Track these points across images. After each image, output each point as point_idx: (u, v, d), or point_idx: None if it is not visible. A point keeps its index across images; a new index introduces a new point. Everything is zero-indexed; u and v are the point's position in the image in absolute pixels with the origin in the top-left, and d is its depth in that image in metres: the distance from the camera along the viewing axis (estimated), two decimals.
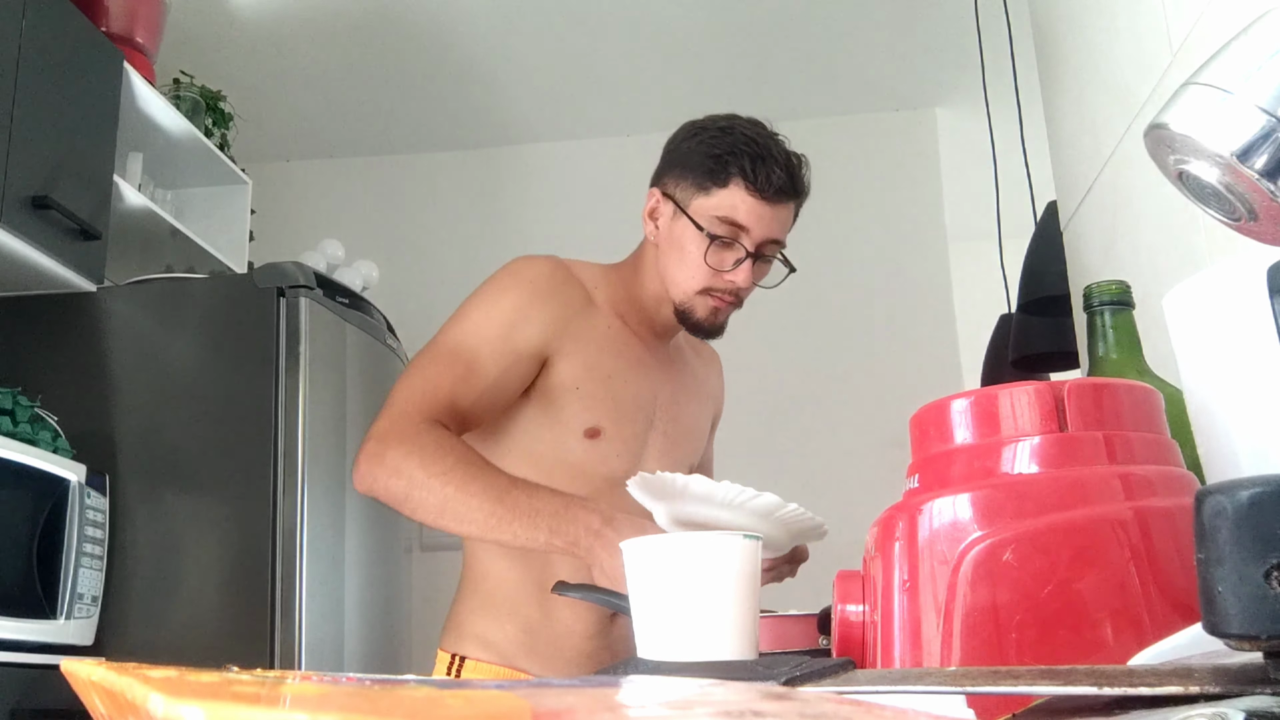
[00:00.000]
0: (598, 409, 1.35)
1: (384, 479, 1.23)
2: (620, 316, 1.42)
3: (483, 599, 1.37)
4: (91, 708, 0.39)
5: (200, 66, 2.94)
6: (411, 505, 1.22)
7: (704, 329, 1.40)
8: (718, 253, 1.34)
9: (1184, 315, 0.77)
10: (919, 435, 0.74)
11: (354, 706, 0.26)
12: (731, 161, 1.32)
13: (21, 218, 2.03)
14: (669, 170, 1.39)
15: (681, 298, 1.38)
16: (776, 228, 1.36)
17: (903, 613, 0.67)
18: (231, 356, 2.24)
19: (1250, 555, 0.40)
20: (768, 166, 1.32)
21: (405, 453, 1.22)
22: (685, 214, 1.35)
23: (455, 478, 1.20)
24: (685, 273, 1.36)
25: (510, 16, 3.12)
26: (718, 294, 1.36)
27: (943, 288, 3.54)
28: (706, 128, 1.37)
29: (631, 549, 0.81)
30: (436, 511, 1.21)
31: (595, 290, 1.41)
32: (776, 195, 1.34)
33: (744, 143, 1.33)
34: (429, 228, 3.75)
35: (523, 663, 1.34)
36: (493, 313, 1.33)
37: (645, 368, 1.42)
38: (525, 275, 1.36)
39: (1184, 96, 0.59)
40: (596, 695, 0.36)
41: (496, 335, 1.31)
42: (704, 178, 1.34)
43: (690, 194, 1.35)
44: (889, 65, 3.45)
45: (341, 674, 0.58)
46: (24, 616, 1.84)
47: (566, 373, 1.34)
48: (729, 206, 1.32)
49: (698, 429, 1.52)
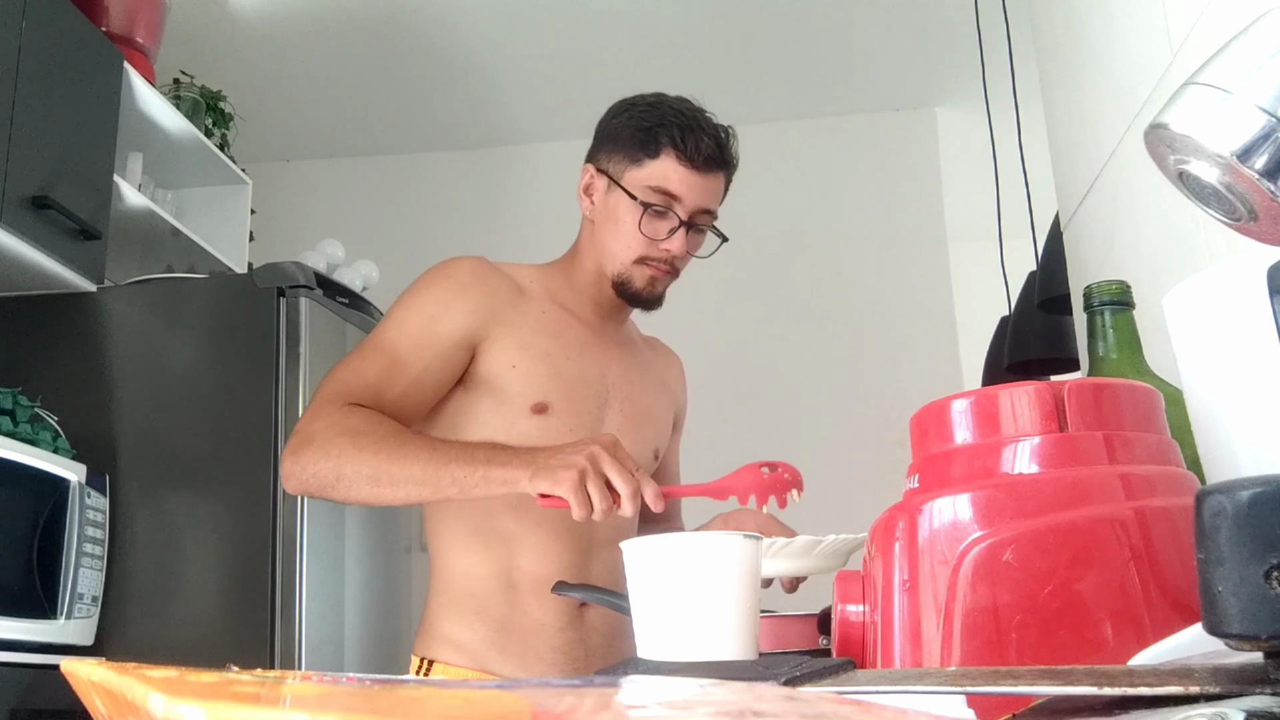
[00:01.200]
0: (541, 384, 1.35)
1: (311, 465, 1.21)
2: (559, 304, 1.43)
3: (450, 598, 1.36)
4: (91, 708, 0.39)
5: (200, 66, 2.94)
6: (345, 483, 1.21)
7: (642, 299, 1.41)
8: (652, 222, 1.36)
9: (1184, 315, 0.77)
10: (919, 435, 0.74)
11: (354, 706, 0.26)
12: (662, 132, 1.36)
13: (21, 218, 2.02)
14: (601, 146, 1.43)
15: (618, 269, 1.40)
16: (708, 197, 1.39)
17: (903, 613, 0.67)
18: (231, 356, 2.24)
19: (1250, 555, 0.40)
20: (697, 136, 1.36)
21: (332, 433, 1.22)
22: (619, 186, 1.38)
23: (387, 444, 1.21)
24: (621, 243, 1.38)
25: (510, 16, 3.12)
26: (653, 263, 1.38)
27: (943, 288, 3.54)
28: (636, 104, 1.42)
29: (631, 549, 0.81)
30: (371, 480, 1.20)
31: (528, 284, 1.42)
32: (706, 164, 1.37)
33: (673, 115, 1.37)
34: (429, 228, 3.75)
35: (494, 663, 1.33)
36: (413, 308, 1.35)
37: (588, 346, 1.42)
38: (444, 272, 1.39)
39: (1184, 96, 0.59)
40: (596, 695, 0.36)
41: (419, 329, 1.33)
42: (636, 149, 1.37)
43: (623, 166, 1.39)
44: (889, 65, 3.45)
45: (341, 674, 0.58)
46: (24, 616, 1.84)
47: (499, 355, 1.35)
48: (661, 176, 1.36)
49: (657, 414, 1.51)
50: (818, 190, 3.67)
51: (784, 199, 3.66)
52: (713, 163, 1.37)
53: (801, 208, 3.66)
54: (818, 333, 3.51)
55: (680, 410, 1.63)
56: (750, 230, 3.67)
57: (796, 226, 3.63)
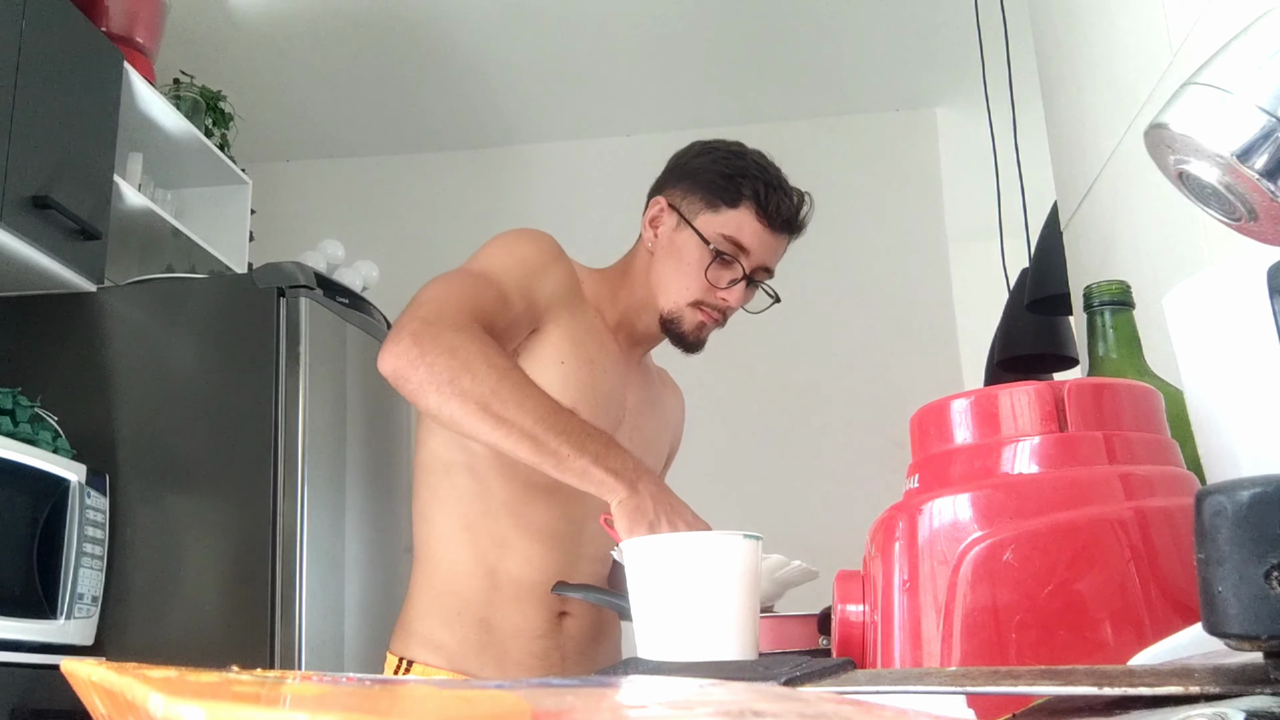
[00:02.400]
0: (579, 389, 1.34)
1: (432, 354, 1.15)
2: (601, 315, 1.42)
3: (433, 597, 1.36)
4: (91, 708, 0.39)
5: (200, 66, 2.94)
6: (453, 388, 1.14)
7: (688, 341, 1.42)
8: (717, 270, 1.37)
9: (1184, 315, 0.77)
10: (919, 435, 0.74)
11: (354, 706, 0.26)
12: (745, 184, 1.36)
13: (21, 218, 2.02)
14: (677, 182, 1.42)
15: (671, 307, 1.40)
16: (773, 256, 1.41)
17: (903, 613, 0.67)
18: (231, 356, 2.24)
19: (1250, 555, 0.40)
20: (779, 196, 1.38)
21: (464, 337, 1.16)
22: (691, 226, 1.38)
23: (512, 379, 1.16)
24: (681, 283, 1.38)
25: (510, 16, 3.11)
26: (707, 309, 1.39)
27: (943, 288, 3.54)
28: (718, 148, 1.42)
29: (631, 549, 0.81)
30: (481, 403, 1.13)
31: (585, 284, 1.42)
32: (783, 226, 1.39)
33: (757, 169, 1.38)
34: (429, 228, 3.75)
35: (471, 665, 1.32)
36: (515, 254, 1.34)
37: (618, 370, 1.42)
38: (541, 236, 1.39)
39: (1184, 96, 0.59)
40: (596, 695, 0.36)
41: (521, 274, 1.32)
42: (715, 195, 1.37)
43: (698, 208, 1.38)
44: (889, 65, 3.44)
45: (341, 674, 0.58)
46: (24, 616, 1.84)
47: (555, 345, 1.34)
48: (735, 226, 1.36)
49: (658, 447, 1.52)
50: (818, 190, 3.65)
51: None
52: (788, 225, 1.40)
53: None
54: (817, 332, 3.50)
55: (675, 444, 1.63)
56: None
57: None
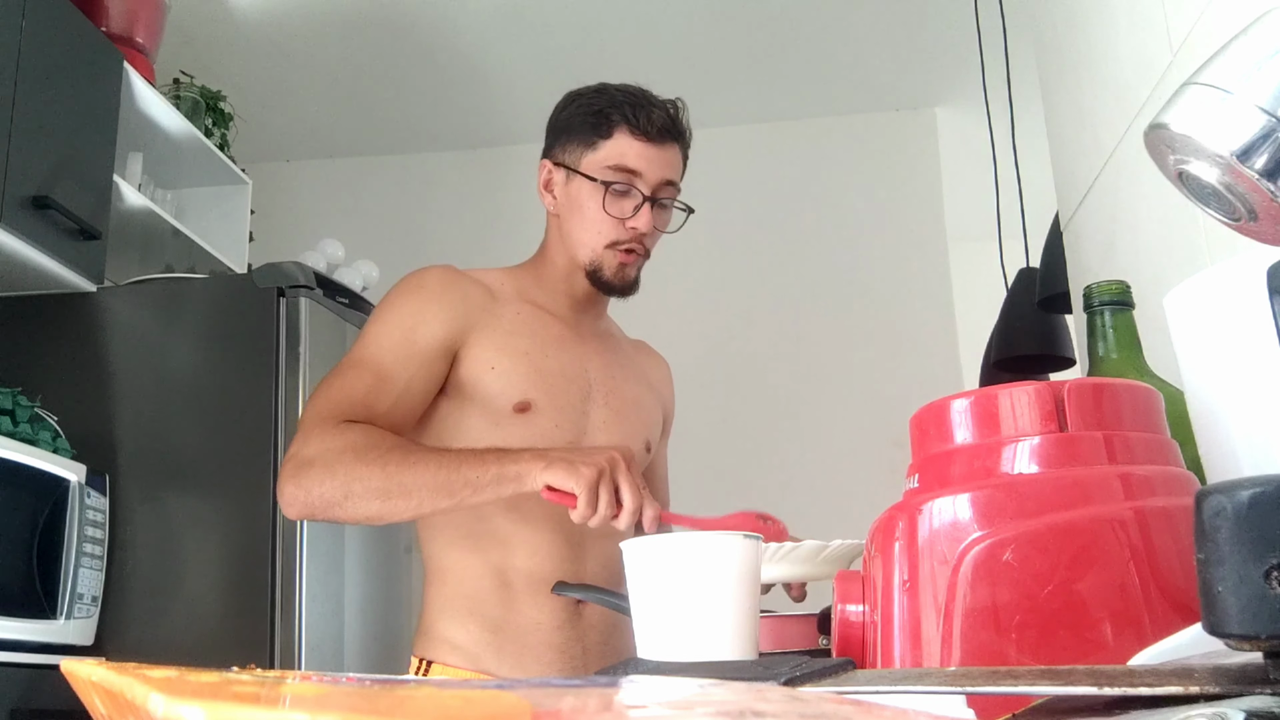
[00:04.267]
0: (521, 383, 1.35)
1: (315, 486, 1.20)
2: (532, 303, 1.42)
3: (445, 599, 1.36)
4: (91, 708, 0.39)
5: (200, 66, 2.94)
6: (354, 499, 1.19)
7: (615, 286, 1.41)
8: (616, 201, 1.37)
9: (1186, 315, 0.77)
10: (919, 435, 0.74)
11: (354, 706, 0.26)
12: (613, 112, 1.37)
13: (21, 218, 2.02)
14: (555, 140, 1.44)
15: (589, 256, 1.40)
16: (668, 169, 1.39)
17: (903, 613, 0.67)
18: (231, 356, 2.24)
19: (1250, 555, 0.40)
20: (647, 109, 1.37)
21: (335, 452, 1.20)
22: (578, 173, 1.38)
23: (394, 455, 1.20)
24: (589, 229, 1.38)
25: (510, 16, 3.11)
26: (623, 246, 1.38)
27: (943, 288, 3.54)
28: (583, 93, 1.43)
29: (631, 549, 0.81)
30: (381, 493, 1.18)
31: (499, 286, 1.42)
32: (660, 135, 1.37)
33: (621, 95, 1.39)
34: (429, 228, 3.75)
35: (490, 663, 1.32)
36: (390, 321, 1.34)
37: (566, 342, 1.42)
38: (415, 283, 1.38)
39: (1184, 96, 0.59)
40: (596, 695, 0.36)
41: (398, 341, 1.32)
42: (589, 134, 1.38)
43: (579, 153, 1.39)
44: (889, 65, 3.44)
45: (341, 674, 0.58)
46: (24, 616, 1.84)
47: (477, 359, 1.35)
48: (618, 154, 1.36)
49: (645, 407, 1.50)
50: (818, 190, 3.67)
51: (784, 199, 3.67)
52: (666, 133, 1.38)
53: (801, 208, 3.66)
54: (818, 332, 3.51)
55: (668, 413, 1.62)
56: (750, 230, 3.68)
57: (796, 226, 3.63)
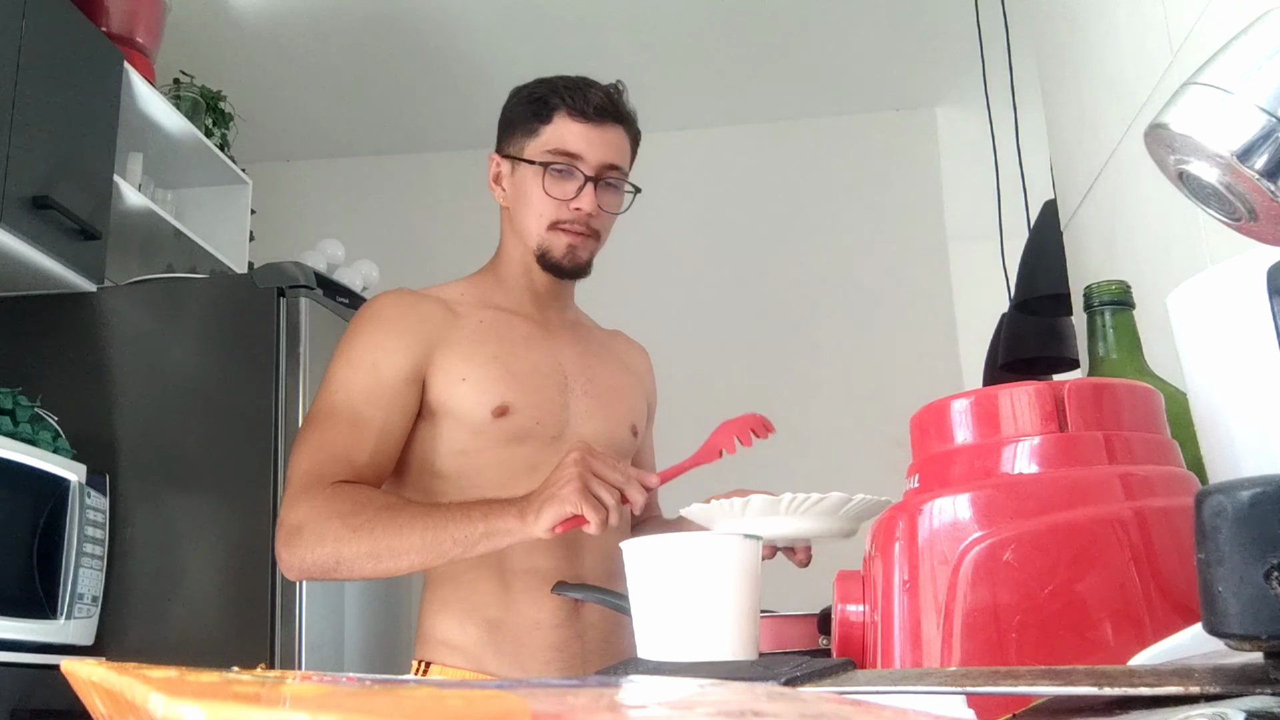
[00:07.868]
0: (496, 387, 1.34)
1: (309, 554, 1.21)
2: (494, 307, 1.42)
3: (443, 599, 1.35)
4: (91, 708, 0.39)
5: (200, 66, 2.93)
6: (346, 565, 1.21)
7: (565, 268, 1.41)
8: (557, 183, 1.37)
9: (1188, 314, 0.77)
10: (919, 435, 0.74)
11: (354, 706, 0.26)
12: (551, 96, 1.38)
13: (21, 218, 2.03)
14: (501, 134, 1.45)
15: (537, 240, 1.40)
16: (610, 151, 1.39)
17: (903, 613, 0.67)
18: (231, 356, 2.24)
19: (1250, 555, 0.40)
20: (584, 91, 1.38)
21: (322, 519, 1.21)
22: (522, 160, 1.39)
23: (380, 519, 1.20)
24: (532, 212, 1.39)
25: (510, 16, 3.11)
26: (568, 227, 1.38)
27: (943, 288, 3.54)
28: (524, 86, 1.44)
29: (631, 549, 0.81)
30: (372, 557, 1.20)
31: (457, 298, 1.41)
32: (599, 115, 1.38)
33: (560, 81, 1.40)
34: (429, 228, 3.75)
35: (489, 663, 1.31)
36: (352, 361, 1.34)
37: (535, 339, 1.42)
38: (370, 315, 1.37)
39: (1184, 96, 0.59)
40: (596, 695, 0.36)
41: (365, 381, 1.31)
42: (530, 120, 1.39)
43: (523, 142, 1.40)
44: (889, 65, 3.44)
45: (341, 674, 0.58)
46: (24, 616, 1.84)
47: (447, 375, 1.34)
48: (557, 138, 1.37)
49: (626, 392, 1.49)
50: (818, 190, 3.68)
51: (784, 199, 3.67)
52: (605, 113, 1.38)
53: (801, 208, 3.66)
54: (818, 333, 3.51)
55: (650, 400, 1.60)
56: (750, 230, 3.68)
57: (796, 226, 3.63)
